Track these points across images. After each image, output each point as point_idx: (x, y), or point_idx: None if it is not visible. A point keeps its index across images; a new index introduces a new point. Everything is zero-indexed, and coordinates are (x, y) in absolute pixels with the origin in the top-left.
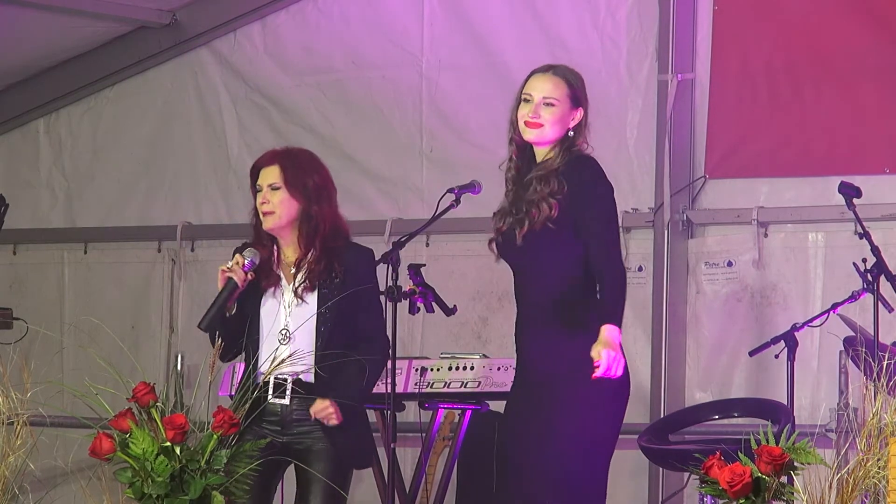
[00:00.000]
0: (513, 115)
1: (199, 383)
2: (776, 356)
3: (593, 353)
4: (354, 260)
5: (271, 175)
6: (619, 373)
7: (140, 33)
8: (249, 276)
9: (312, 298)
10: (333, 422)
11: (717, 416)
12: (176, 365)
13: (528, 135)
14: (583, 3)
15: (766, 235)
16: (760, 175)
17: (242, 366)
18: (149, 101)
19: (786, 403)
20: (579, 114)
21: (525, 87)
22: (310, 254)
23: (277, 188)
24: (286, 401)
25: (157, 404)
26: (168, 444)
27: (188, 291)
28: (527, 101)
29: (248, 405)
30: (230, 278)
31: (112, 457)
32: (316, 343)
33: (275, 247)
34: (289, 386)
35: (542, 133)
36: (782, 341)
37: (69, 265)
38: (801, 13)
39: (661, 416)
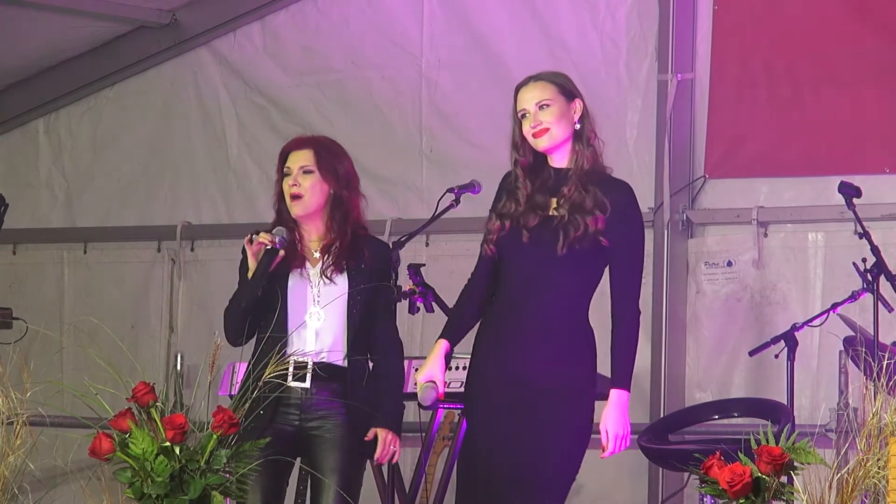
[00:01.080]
0: (515, 137)
1: (198, 383)
2: (776, 356)
3: (602, 430)
4: (381, 253)
5: (303, 158)
6: (626, 446)
7: (140, 33)
8: (282, 254)
9: (341, 280)
10: (397, 456)
11: (716, 416)
12: (175, 365)
13: (541, 144)
14: (582, 3)
15: (765, 235)
16: (760, 175)
17: (243, 365)
18: (148, 100)
19: (786, 403)
20: (578, 105)
21: (517, 104)
22: (340, 237)
23: (310, 172)
24: (307, 384)
25: (157, 404)
26: (168, 444)
27: (188, 291)
28: (524, 116)
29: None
30: (267, 248)
31: (112, 457)
32: (347, 324)
33: (296, 233)
34: (309, 369)
35: (552, 136)
36: (782, 341)
37: (69, 265)
38: (801, 13)
39: (661, 415)
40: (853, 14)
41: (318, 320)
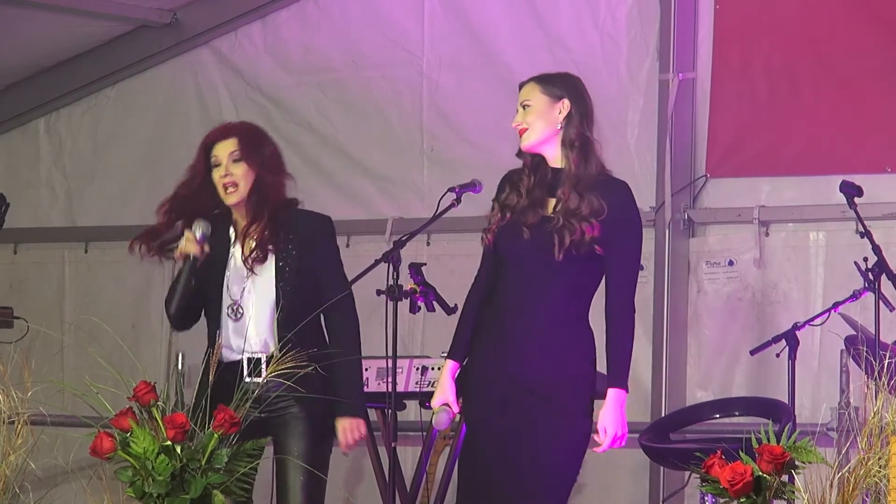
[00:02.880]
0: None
1: (199, 382)
2: (777, 355)
3: (599, 428)
4: (310, 223)
5: (229, 146)
6: (623, 444)
7: (140, 32)
8: (206, 249)
9: (268, 271)
10: (363, 432)
11: (718, 415)
12: (176, 364)
13: (522, 143)
14: (583, 2)
15: (767, 234)
16: (761, 174)
17: None
18: (149, 100)
19: (787, 402)
20: (564, 104)
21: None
22: (257, 223)
23: (238, 160)
24: (261, 379)
25: (158, 403)
26: (169, 443)
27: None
28: (516, 114)
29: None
30: (187, 255)
31: (113, 456)
32: (277, 318)
33: (231, 225)
34: (264, 364)
35: (528, 136)
36: (783, 340)
37: (70, 264)
38: (802, 13)
39: (662, 414)
40: (854, 13)
41: (238, 319)
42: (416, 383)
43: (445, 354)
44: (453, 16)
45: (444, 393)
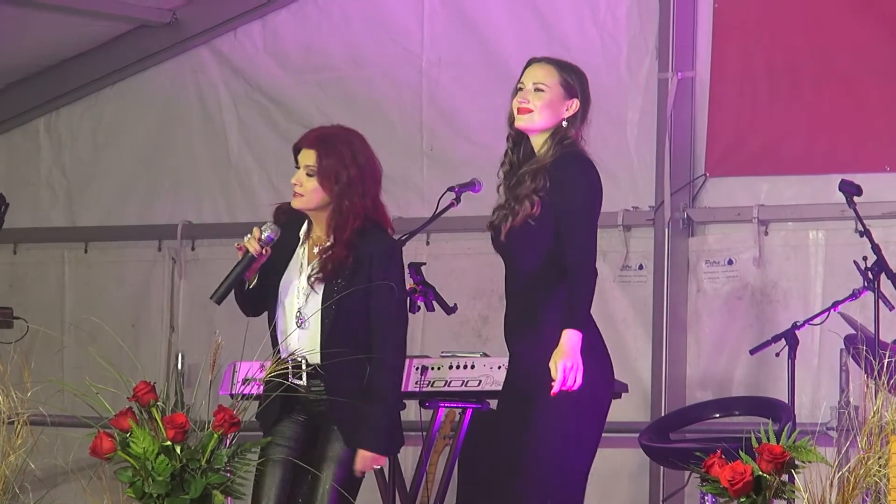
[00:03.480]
0: (510, 108)
1: (199, 382)
2: (777, 354)
3: (551, 366)
4: (370, 251)
5: (308, 158)
6: (578, 383)
7: (140, 32)
8: (266, 252)
9: (321, 289)
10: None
11: (717, 415)
12: (176, 364)
13: (519, 121)
14: (582, 0)
15: (766, 233)
16: (761, 173)
17: (243, 364)
18: (149, 99)
19: (786, 402)
20: (574, 104)
21: (521, 76)
22: (334, 246)
23: (311, 175)
24: (303, 381)
25: (158, 403)
26: (168, 443)
27: (188, 290)
28: (520, 89)
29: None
30: (246, 251)
31: (112, 456)
32: (321, 337)
33: (306, 223)
34: (304, 367)
35: (532, 119)
36: (783, 339)
37: (69, 264)
38: (802, 10)
39: (662, 414)
40: (854, 11)
41: (304, 328)
42: (416, 383)
43: (446, 353)
44: (453, 14)
45: None
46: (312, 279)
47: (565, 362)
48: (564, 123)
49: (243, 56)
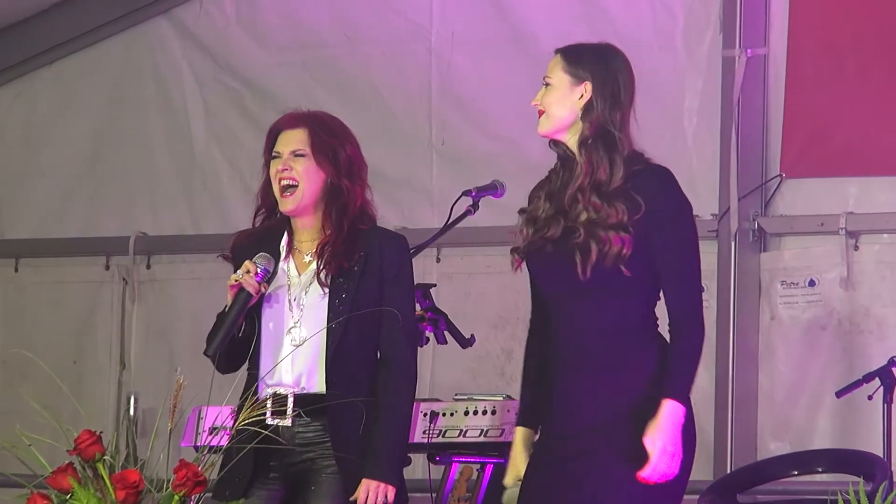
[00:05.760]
0: None
1: (156, 431)
2: (869, 397)
3: (646, 442)
4: (379, 244)
5: (296, 139)
6: (674, 473)
7: None
8: (263, 288)
9: (325, 289)
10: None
11: (796, 472)
12: (128, 408)
13: (539, 128)
14: None
15: (856, 248)
16: (849, 174)
17: (211, 409)
18: (95, 82)
19: (881, 456)
20: (585, 89)
21: None
22: (336, 235)
23: (302, 155)
24: (287, 422)
25: (105, 458)
26: None
27: (143, 318)
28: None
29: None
30: (241, 289)
31: None
32: (326, 342)
33: (285, 234)
34: (290, 402)
35: (543, 121)
36: (877, 378)
37: None
38: None
39: (728, 471)
40: None
41: (293, 341)
42: (425, 432)
43: (460, 396)
44: None
45: (519, 467)
46: (324, 275)
47: (665, 444)
48: (579, 114)
49: (211, 29)
